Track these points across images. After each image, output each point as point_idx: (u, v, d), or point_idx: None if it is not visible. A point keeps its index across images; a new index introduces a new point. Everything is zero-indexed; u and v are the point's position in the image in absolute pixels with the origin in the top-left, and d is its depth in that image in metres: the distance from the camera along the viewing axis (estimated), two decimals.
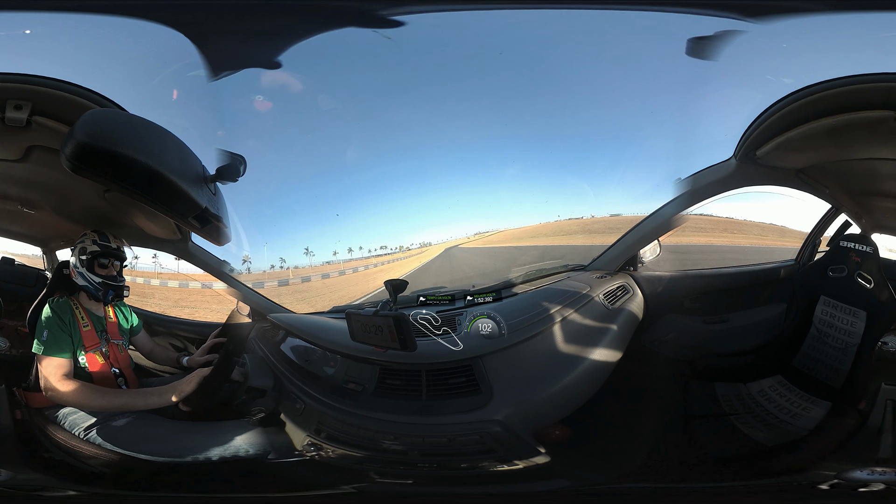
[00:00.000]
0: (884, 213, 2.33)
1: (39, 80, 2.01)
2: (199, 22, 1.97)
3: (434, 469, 2.06)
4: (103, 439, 2.12)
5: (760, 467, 2.22)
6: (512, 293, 2.34)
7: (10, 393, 2.20)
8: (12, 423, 2.19)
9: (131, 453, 2.11)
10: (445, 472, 2.06)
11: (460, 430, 2.01)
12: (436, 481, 2.08)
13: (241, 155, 1.95)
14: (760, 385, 2.41)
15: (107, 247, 2.24)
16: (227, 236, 2.09)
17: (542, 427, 2.12)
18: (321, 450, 2.09)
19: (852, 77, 2.05)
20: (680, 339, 2.47)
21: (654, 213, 2.41)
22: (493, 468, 2.06)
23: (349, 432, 2.07)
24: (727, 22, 2.09)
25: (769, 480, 2.17)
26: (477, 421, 2.02)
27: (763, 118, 2.25)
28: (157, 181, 1.62)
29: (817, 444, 2.22)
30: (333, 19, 2.04)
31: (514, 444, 2.05)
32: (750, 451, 2.27)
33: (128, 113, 1.95)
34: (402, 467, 2.06)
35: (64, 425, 2.17)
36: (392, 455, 2.06)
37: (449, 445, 2.02)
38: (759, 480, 2.18)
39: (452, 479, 2.07)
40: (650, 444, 2.22)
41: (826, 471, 2.15)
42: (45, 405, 2.20)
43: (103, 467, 2.12)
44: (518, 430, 2.05)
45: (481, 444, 2.02)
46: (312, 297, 2.36)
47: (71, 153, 1.51)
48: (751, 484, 2.18)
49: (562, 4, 2.15)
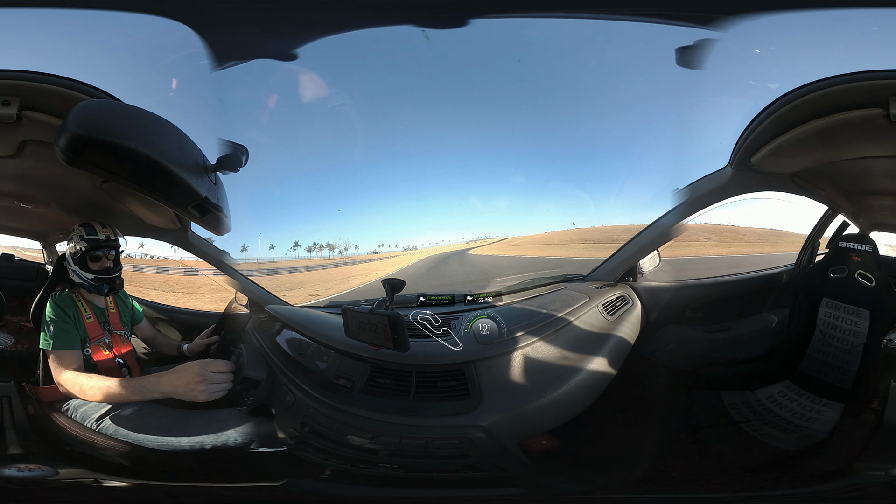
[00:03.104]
0: (880, 210, 2.33)
1: (25, 74, 2.03)
2: (202, 11, 2.00)
3: (409, 471, 2.03)
4: (116, 428, 2.12)
5: (791, 472, 2.18)
6: (511, 299, 2.32)
7: (20, 389, 2.22)
8: (26, 419, 2.20)
9: (140, 442, 2.10)
10: (421, 474, 2.03)
11: (440, 434, 1.99)
12: (409, 483, 2.05)
13: (242, 145, 1.96)
14: (769, 391, 2.36)
15: (95, 240, 2.24)
16: (227, 226, 2.10)
17: (530, 436, 2.08)
18: (303, 443, 2.07)
19: (837, 77, 2.06)
20: (682, 348, 2.44)
21: (654, 223, 2.41)
22: (468, 474, 2.03)
23: (332, 428, 2.04)
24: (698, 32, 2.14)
25: (808, 489, 2.11)
26: (460, 425, 1.99)
27: (754, 125, 2.27)
28: (154, 170, 1.63)
29: (842, 445, 2.17)
30: (345, 15, 2.06)
31: (496, 451, 2.01)
32: (774, 458, 2.22)
33: (122, 102, 1.97)
34: (378, 467, 2.04)
35: (75, 417, 2.17)
36: (370, 454, 2.03)
37: (425, 448, 1.99)
38: (789, 490, 2.12)
39: (426, 481, 2.04)
40: (653, 454, 2.16)
41: (856, 471, 2.10)
42: (54, 398, 2.20)
43: (118, 457, 2.12)
44: (503, 437, 2.01)
45: (458, 448, 1.99)
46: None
47: (65, 145, 1.53)
48: (787, 493, 2.12)
49: (555, 14, 2.21)
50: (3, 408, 2.22)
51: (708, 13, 2.15)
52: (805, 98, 2.15)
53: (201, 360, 2.03)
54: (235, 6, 2.05)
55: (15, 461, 2.16)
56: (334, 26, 2.04)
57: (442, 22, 2.12)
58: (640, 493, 2.09)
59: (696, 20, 2.16)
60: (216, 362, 2.02)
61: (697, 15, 2.16)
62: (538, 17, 2.19)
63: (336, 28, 2.05)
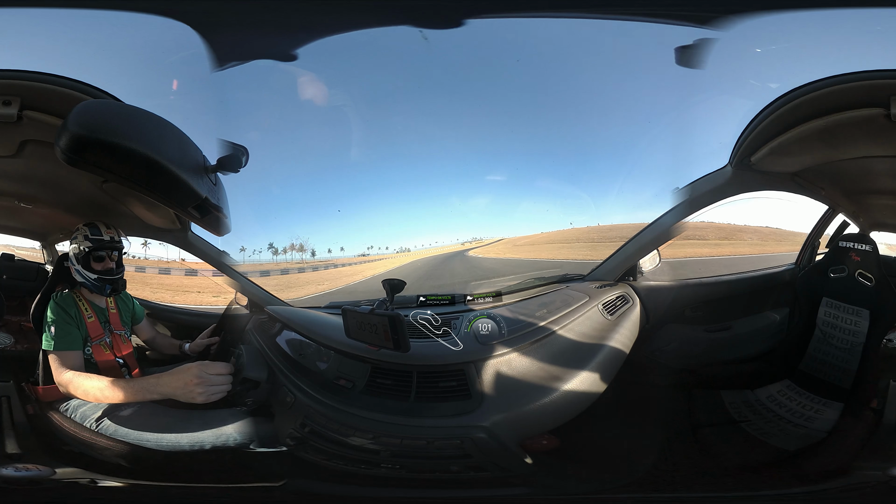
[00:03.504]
0: (881, 210, 2.33)
1: (27, 74, 2.03)
2: (204, 11, 1.99)
3: (409, 471, 2.03)
4: (115, 428, 2.12)
5: (791, 472, 2.18)
6: (511, 299, 2.32)
7: (20, 388, 2.22)
8: (25, 419, 2.20)
9: (139, 442, 2.11)
10: (422, 474, 2.03)
11: (442, 434, 1.99)
12: (410, 483, 2.05)
13: (243, 146, 1.96)
14: (769, 391, 2.36)
15: (99, 240, 2.24)
16: (228, 227, 2.11)
17: (531, 436, 2.09)
18: (303, 443, 2.08)
19: (837, 77, 2.07)
20: (682, 348, 2.44)
21: (653, 222, 2.41)
22: (470, 474, 2.03)
23: (333, 428, 2.04)
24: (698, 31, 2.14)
25: (808, 488, 2.12)
26: (462, 426, 1.99)
27: (754, 124, 2.27)
28: (154, 170, 1.64)
29: (841, 445, 2.17)
30: (346, 15, 2.06)
31: (498, 451, 2.02)
32: (774, 457, 2.22)
33: (122, 103, 1.97)
34: (380, 467, 2.04)
35: (75, 417, 2.17)
36: (370, 455, 2.03)
37: (427, 448, 1.99)
38: (788, 489, 2.13)
39: (428, 482, 2.05)
40: (654, 454, 2.16)
41: (855, 470, 2.11)
42: (54, 399, 2.20)
43: (117, 457, 2.12)
44: (504, 437, 2.02)
45: (460, 448, 1.99)
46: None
47: (65, 145, 1.54)
48: (785, 493, 2.13)
49: (554, 14, 2.21)
50: (2, 408, 2.21)
51: (708, 13, 2.15)
52: (805, 97, 2.15)
53: (200, 362, 2.03)
54: (237, 7, 2.04)
55: (13, 461, 2.16)
56: (332, 27, 2.04)
57: (440, 21, 2.12)
58: (641, 494, 2.09)
59: (695, 20, 2.16)
60: (215, 364, 2.02)
61: (697, 14, 2.16)
62: (540, 17, 2.19)
63: (334, 29, 2.04)
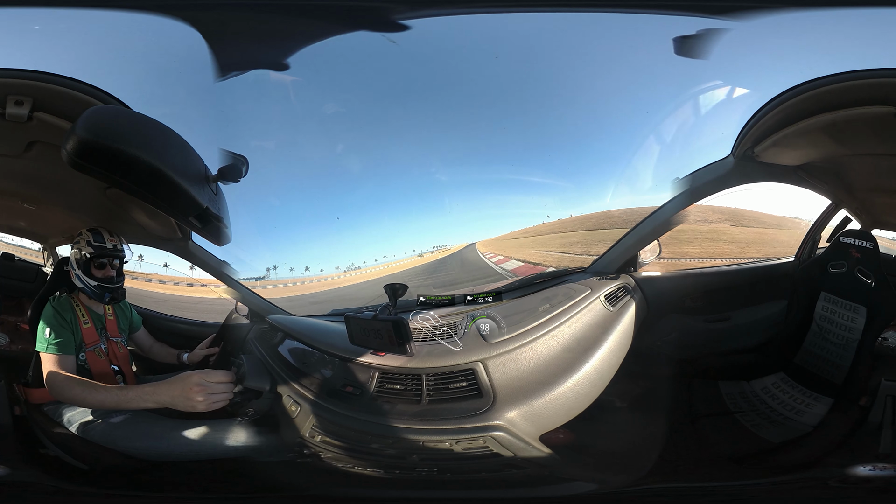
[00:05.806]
0: (884, 208, 2.33)
1: (41, 75, 1.99)
2: (213, 20, 1.95)
3: (435, 473, 2.06)
4: (101, 435, 2.12)
5: (771, 465, 2.23)
6: (512, 295, 2.34)
7: (10, 389, 2.20)
8: (11, 420, 2.18)
9: (127, 450, 2.11)
10: (447, 476, 2.06)
11: (462, 435, 2.00)
12: (437, 486, 2.09)
13: (243, 155, 1.94)
14: (763, 382, 2.42)
15: (102, 248, 2.22)
16: (228, 236, 2.09)
17: (546, 431, 2.11)
18: (315, 453, 2.09)
19: (849, 73, 2.03)
20: (682, 338, 2.48)
21: (653, 213, 2.41)
22: (499, 473, 2.07)
23: (345, 436, 2.06)
24: (710, 21, 2.08)
25: (782, 478, 2.18)
26: (479, 425, 2.00)
27: (760, 115, 2.24)
28: (158, 179, 1.63)
29: (822, 441, 2.22)
30: (340, 22, 2.00)
31: (518, 448, 2.04)
32: (759, 449, 2.28)
33: (131, 110, 1.95)
34: (399, 472, 2.07)
35: (62, 422, 2.17)
36: (390, 459, 2.05)
37: (450, 450, 2.01)
38: (770, 478, 2.19)
39: (454, 483, 2.08)
40: (660, 445, 2.21)
41: (831, 467, 2.15)
42: (43, 401, 2.20)
43: (98, 464, 2.12)
44: (522, 434, 2.04)
45: (484, 448, 2.01)
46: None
47: (72, 149, 1.52)
48: (762, 482, 2.18)
49: (553, 8, 2.14)
50: None
51: (719, 2, 2.08)
52: (813, 92, 2.12)
53: (201, 370, 2.02)
54: (246, 17, 1.97)
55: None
56: (314, 35, 1.98)
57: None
58: (645, 485, 2.15)
59: (708, 10, 2.09)
60: (216, 373, 2.01)
61: (711, 4, 2.09)
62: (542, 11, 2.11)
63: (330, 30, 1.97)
